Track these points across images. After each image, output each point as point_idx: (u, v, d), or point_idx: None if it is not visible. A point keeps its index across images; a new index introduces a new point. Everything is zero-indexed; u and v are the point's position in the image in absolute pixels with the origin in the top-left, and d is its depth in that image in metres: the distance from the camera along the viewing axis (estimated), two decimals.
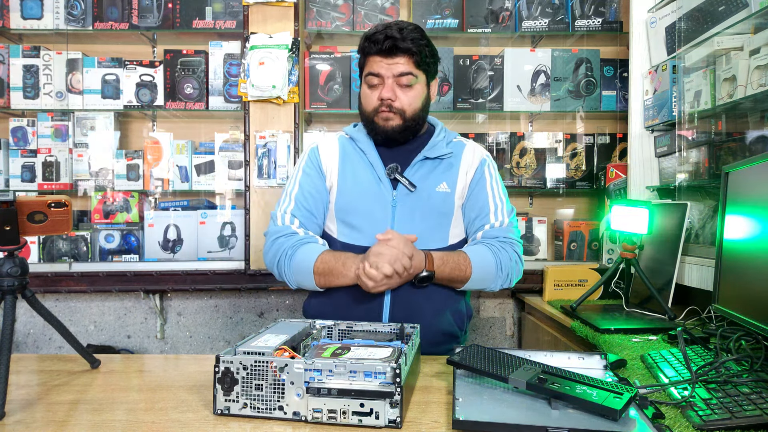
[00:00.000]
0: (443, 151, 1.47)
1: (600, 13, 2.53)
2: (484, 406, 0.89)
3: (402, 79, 1.39)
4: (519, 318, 2.73)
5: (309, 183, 1.47)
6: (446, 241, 1.46)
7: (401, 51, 1.36)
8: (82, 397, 1.01)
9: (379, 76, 1.39)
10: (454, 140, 1.54)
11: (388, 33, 1.35)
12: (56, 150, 2.56)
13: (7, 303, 1.01)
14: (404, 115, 1.41)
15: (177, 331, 2.71)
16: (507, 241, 1.45)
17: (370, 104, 1.42)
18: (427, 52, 1.40)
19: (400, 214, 1.42)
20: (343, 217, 1.46)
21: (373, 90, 1.41)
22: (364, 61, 1.43)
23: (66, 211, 1.06)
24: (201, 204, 2.59)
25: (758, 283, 1.17)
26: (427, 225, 1.43)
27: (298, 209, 1.45)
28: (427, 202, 1.43)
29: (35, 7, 2.50)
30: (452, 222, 1.46)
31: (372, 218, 1.42)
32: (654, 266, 1.84)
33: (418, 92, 1.42)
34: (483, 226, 1.46)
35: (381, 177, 1.44)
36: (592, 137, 2.62)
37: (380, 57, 1.38)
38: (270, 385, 0.89)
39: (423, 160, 1.46)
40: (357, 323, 1.20)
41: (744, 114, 1.80)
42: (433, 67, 1.45)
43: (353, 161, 1.48)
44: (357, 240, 1.43)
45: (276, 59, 2.31)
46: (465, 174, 1.48)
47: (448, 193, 1.45)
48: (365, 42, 1.40)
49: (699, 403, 0.92)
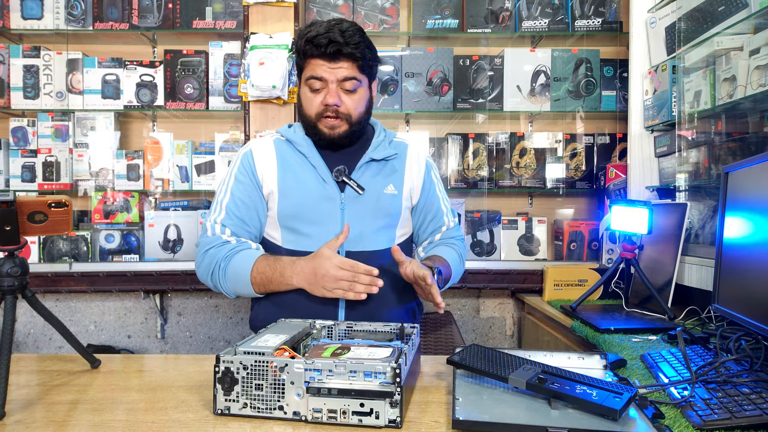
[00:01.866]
0: (388, 152, 1.47)
1: (600, 13, 2.53)
2: (484, 406, 0.89)
3: (346, 84, 1.36)
4: (519, 318, 2.73)
5: (241, 191, 1.43)
6: (393, 240, 1.48)
7: (345, 56, 1.34)
8: (82, 397, 1.01)
9: (323, 80, 1.36)
10: (395, 140, 1.54)
11: (332, 37, 1.31)
12: (56, 150, 2.56)
13: (7, 303, 1.01)
14: (350, 119, 1.40)
15: (177, 331, 2.71)
16: (460, 238, 1.62)
17: (313, 109, 1.39)
18: (370, 55, 1.38)
19: (349, 217, 1.41)
20: (287, 223, 1.42)
21: (315, 94, 1.38)
22: (303, 63, 1.39)
23: (66, 211, 1.06)
24: (201, 204, 2.59)
25: (758, 283, 1.17)
26: (375, 227, 1.44)
27: (229, 218, 1.41)
28: (376, 205, 1.43)
29: (35, 7, 2.50)
30: (399, 223, 1.49)
31: (320, 223, 1.40)
32: (654, 266, 1.84)
33: (362, 96, 1.41)
34: (440, 227, 1.57)
35: (326, 179, 1.41)
36: (592, 137, 2.62)
37: (323, 60, 1.34)
38: (270, 385, 0.89)
39: (369, 162, 1.45)
40: (357, 323, 1.20)
41: (744, 114, 1.80)
42: (374, 69, 1.44)
43: (293, 165, 1.43)
44: (305, 246, 1.40)
45: (276, 59, 2.31)
46: (411, 177, 1.50)
47: (395, 195, 1.46)
48: (306, 44, 1.34)
49: (699, 403, 0.92)
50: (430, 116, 2.73)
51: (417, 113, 2.63)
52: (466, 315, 2.76)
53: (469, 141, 2.62)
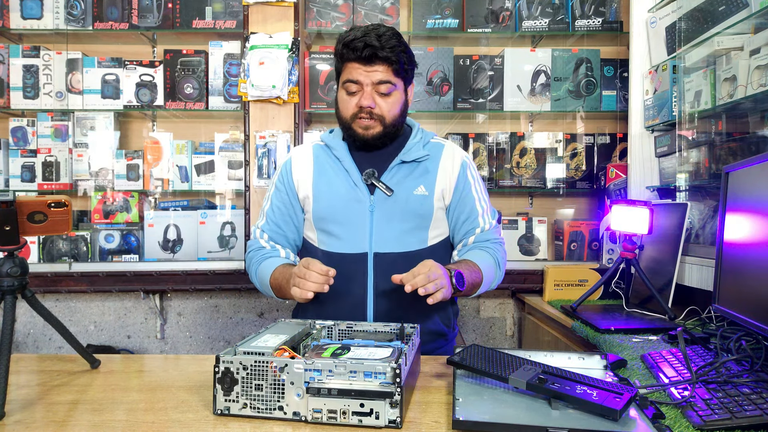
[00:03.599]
0: (420, 153, 1.47)
1: (600, 13, 2.53)
2: (484, 406, 0.89)
3: (381, 87, 1.39)
4: (519, 318, 2.73)
5: (279, 198, 1.53)
6: (426, 242, 1.48)
7: (380, 59, 1.37)
8: (82, 397, 1.01)
9: (358, 83, 1.39)
10: (432, 141, 1.54)
11: (367, 41, 1.34)
12: (56, 150, 2.56)
13: (7, 303, 1.01)
14: (384, 121, 1.42)
15: (177, 331, 2.71)
16: (497, 241, 1.53)
17: (349, 111, 1.43)
18: (405, 59, 1.41)
19: (378, 219, 1.43)
20: (321, 225, 1.47)
21: (351, 97, 1.42)
22: (341, 67, 1.43)
23: (66, 211, 1.05)
24: (201, 204, 2.59)
25: (758, 283, 1.17)
26: (405, 228, 1.44)
27: (267, 224, 1.52)
28: (405, 206, 1.44)
29: (35, 7, 2.50)
30: (431, 224, 1.48)
31: (350, 224, 1.44)
32: (654, 266, 1.84)
33: (397, 99, 1.43)
34: (474, 229, 1.50)
35: (357, 182, 1.45)
36: (592, 137, 2.62)
37: (359, 64, 1.38)
38: (270, 385, 0.89)
39: (399, 164, 1.47)
40: (357, 323, 1.20)
41: (744, 114, 1.80)
42: (410, 73, 1.46)
43: (327, 169, 1.49)
44: (336, 247, 1.45)
45: (276, 59, 2.31)
46: (444, 177, 1.49)
47: (426, 196, 1.46)
48: (343, 48, 1.39)
49: (699, 403, 0.92)
50: (430, 116, 2.73)
51: (417, 113, 2.63)
52: (466, 315, 2.76)
53: (469, 141, 2.62)
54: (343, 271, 1.35)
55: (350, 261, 1.42)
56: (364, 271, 1.41)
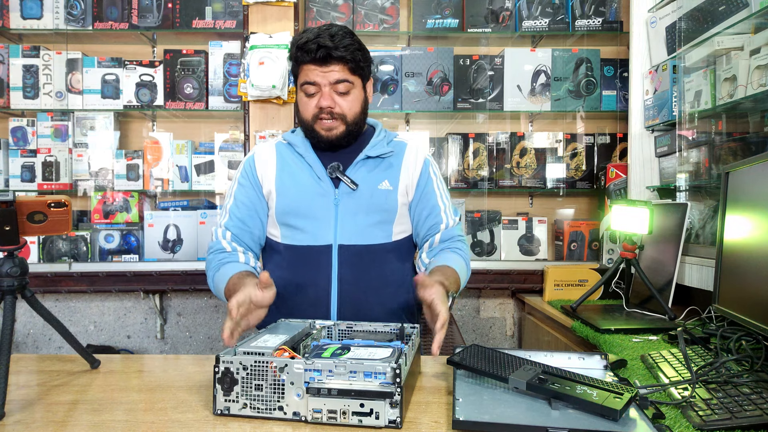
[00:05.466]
0: (384, 150, 1.48)
1: (600, 13, 2.53)
2: (484, 406, 0.89)
3: (339, 86, 1.40)
4: (519, 318, 2.73)
5: (242, 194, 1.50)
6: (390, 237, 1.49)
7: (335, 59, 1.37)
8: (81, 397, 1.01)
9: (315, 84, 1.39)
10: (395, 139, 1.56)
11: (321, 42, 1.35)
12: (56, 150, 2.56)
13: (7, 303, 1.01)
14: (346, 120, 1.42)
15: (177, 331, 2.71)
16: (460, 239, 1.55)
17: (309, 112, 1.43)
18: (361, 56, 1.41)
19: (342, 213, 1.44)
20: (285, 220, 1.47)
21: (310, 99, 1.42)
22: (297, 70, 1.44)
23: (66, 211, 1.05)
24: (201, 204, 2.59)
25: (758, 283, 1.17)
26: (370, 222, 1.45)
27: (231, 221, 1.49)
28: (370, 200, 1.45)
29: (35, 7, 2.50)
30: (396, 219, 1.49)
31: (314, 218, 1.44)
32: (654, 266, 1.84)
33: (356, 97, 1.44)
34: (437, 225, 1.51)
35: (321, 177, 1.45)
36: (593, 137, 2.62)
37: (314, 65, 1.38)
38: (270, 386, 0.89)
39: (365, 159, 1.47)
40: (357, 323, 1.20)
41: (744, 114, 1.80)
42: (367, 70, 1.46)
43: (291, 165, 1.49)
44: (300, 241, 1.45)
45: (276, 59, 2.30)
46: (407, 173, 1.50)
47: (390, 191, 1.47)
48: (297, 51, 1.39)
49: (699, 403, 0.92)
50: (430, 116, 2.73)
51: (417, 113, 2.63)
52: (466, 315, 2.76)
53: (469, 141, 2.62)
54: (308, 263, 1.38)
55: (315, 252, 1.43)
56: (329, 263, 1.42)
